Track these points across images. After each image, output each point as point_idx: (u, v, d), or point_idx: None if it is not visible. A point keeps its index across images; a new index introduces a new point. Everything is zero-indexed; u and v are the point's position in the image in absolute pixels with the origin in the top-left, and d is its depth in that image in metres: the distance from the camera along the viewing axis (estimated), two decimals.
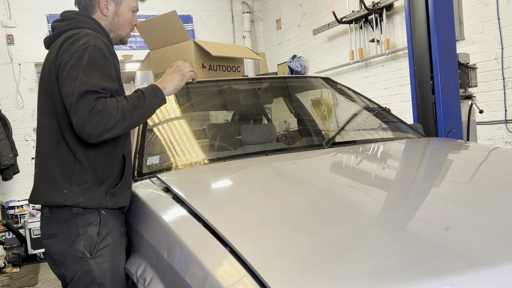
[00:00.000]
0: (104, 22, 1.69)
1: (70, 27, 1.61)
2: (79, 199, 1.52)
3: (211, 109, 3.41)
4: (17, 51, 6.62)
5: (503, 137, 4.15)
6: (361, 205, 1.36)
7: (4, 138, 5.81)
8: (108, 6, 1.68)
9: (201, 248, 1.17)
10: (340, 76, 6.27)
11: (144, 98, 1.52)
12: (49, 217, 1.57)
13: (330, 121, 4.69)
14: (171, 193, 1.61)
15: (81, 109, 1.38)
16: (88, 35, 1.53)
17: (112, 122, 1.41)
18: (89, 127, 1.38)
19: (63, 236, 1.54)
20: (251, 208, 1.38)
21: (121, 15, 1.71)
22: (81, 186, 1.53)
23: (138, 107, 1.49)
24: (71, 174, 1.52)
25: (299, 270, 0.97)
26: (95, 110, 1.39)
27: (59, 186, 1.53)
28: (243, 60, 3.10)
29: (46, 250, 1.61)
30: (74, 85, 1.41)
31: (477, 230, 1.12)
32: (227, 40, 8.06)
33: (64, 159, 1.53)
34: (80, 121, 1.38)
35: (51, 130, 1.55)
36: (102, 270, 1.54)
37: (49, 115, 1.56)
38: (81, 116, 1.38)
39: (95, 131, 1.39)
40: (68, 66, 1.45)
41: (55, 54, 1.51)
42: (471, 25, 4.28)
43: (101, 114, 1.39)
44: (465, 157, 2.04)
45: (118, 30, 1.74)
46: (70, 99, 1.41)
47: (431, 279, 0.90)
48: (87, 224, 1.54)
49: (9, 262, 5.03)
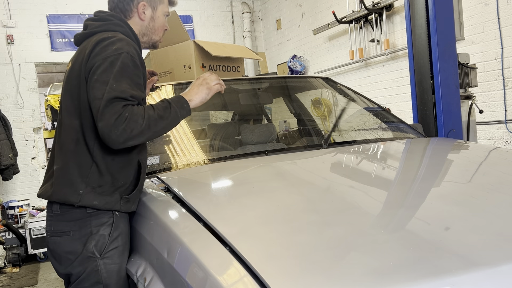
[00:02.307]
0: (139, 27, 1.71)
1: (103, 28, 1.61)
2: (94, 202, 1.51)
3: (211, 109, 3.41)
4: (17, 51, 6.62)
5: (503, 137, 4.15)
6: (361, 205, 1.36)
7: (4, 138, 5.81)
8: (145, 11, 1.70)
9: (201, 248, 1.17)
10: (340, 76, 6.27)
11: (170, 108, 1.53)
12: (59, 214, 1.56)
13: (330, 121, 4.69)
14: (171, 193, 1.61)
15: (108, 115, 1.39)
16: (122, 41, 1.53)
17: (137, 130, 1.42)
18: (115, 133, 1.39)
19: (75, 234, 1.53)
20: (251, 208, 1.38)
21: (156, 20, 1.73)
22: (96, 190, 1.52)
23: (164, 117, 1.50)
24: (87, 176, 1.52)
25: (299, 270, 0.97)
26: (122, 117, 1.40)
27: (75, 186, 1.52)
28: (243, 60, 3.10)
29: (52, 248, 1.58)
30: (104, 90, 1.41)
31: (477, 230, 1.12)
32: (227, 40, 8.06)
33: (82, 160, 1.53)
34: (106, 127, 1.39)
35: (72, 129, 1.54)
36: (109, 271, 1.54)
37: (72, 114, 1.55)
38: (108, 122, 1.39)
39: (120, 138, 1.41)
40: (99, 70, 1.45)
41: (87, 56, 1.51)
42: (471, 25, 4.28)
43: (128, 121, 1.40)
44: (465, 157, 2.04)
45: (152, 35, 1.75)
46: (98, 103, 1.41)
47: (431, 279, 0.90)
48: (100, 224, 1.54)
49: (9, 262, 5.03)
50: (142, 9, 1.69)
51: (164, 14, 1.75)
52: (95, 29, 1.62)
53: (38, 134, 6.87)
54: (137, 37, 1.69)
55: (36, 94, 6.79)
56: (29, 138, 6.71)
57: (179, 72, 2.85)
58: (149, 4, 1.70)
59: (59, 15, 6.95)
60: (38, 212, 5.46)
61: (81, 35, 1.65)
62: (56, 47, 6.91)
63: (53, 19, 6.92)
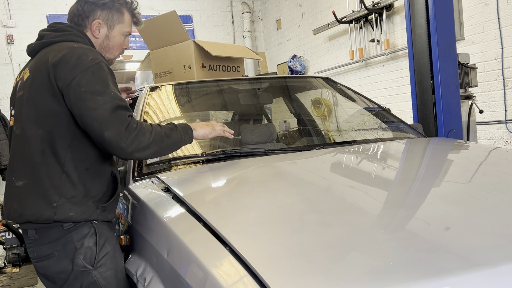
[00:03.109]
0: (94, 43, 1.66)
1: (63, 38, 1.57)
2: (70, 213, 1.46)
3: (211, 109, 3.41)
4: (17, 51, 6.63)
5: (503, 137, 4.15)
6: (361, 205, 1.36)
7: (4, 138, 5.81)
8: (100, 29, 1.66)
9: (201, 248, 1.17)
10: (340, 76, 6.27)
11: (176, 130, 1.58)
12: (37, 239, 1.49)
13: (330, 121, 4.70)
14: (171, 193, 1.61)
15: (116, 124, 1.39)
16: (92, 50, 1.51)
17: (144, 143, 1.44)
18: (124, 142, 1.40)
19: (60, 254, 1.48)
20: (251, 208, 1.38)
21: (112, 39, 1.69)
22: (70, 200, 1.47)
23: (170, 136, 1.54)
24: (59, 187, 1.46)
25: (299, 270, 0.97)
26: (131, 127, 1.41)
27: (48, 199, 1.45)
28: (243, 60, 3.10)
29: (42, 272, 1.53)
30: (98, 100, 1.40)
31: (477, 230, 1.12)
32: (227, 40, 8.06)
33: (51, 171, 1.46)
34: (115, 136, 1.38)
35: (36, 140, 1.47)
36: (106, 278, 1.52)
37: (36, 123, 1.47)
38: (117, 131, 1.38)
39: (129, 148, 1.41)
40: (84, 81, 1.42)
41: (53, 65, 1.45)
42: (471, 25, 4.28)
43: (137, 133, 1.42)
44: (465, 157, 2.04)
45: (106, 53, 1.70)
46: (96, 113, 1.38)
47: (431, 279, 0.90)
48: (82, 237, 1.49)
49: (9, 262, 5.03)
50: (96, 26, 1.64)
51: (123, 34, 1.71)
52: (53, 38, 1.58)
53: None
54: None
55: None
56: None
57: (179, 72, 2.85)
58: (105, 23, 1.66)
59: (59, 15, 6.95)
60: None
61: (36, 44, 1.61)
62: None
63: (53, 19, 6.91)
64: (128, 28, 1.73)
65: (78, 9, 1.64)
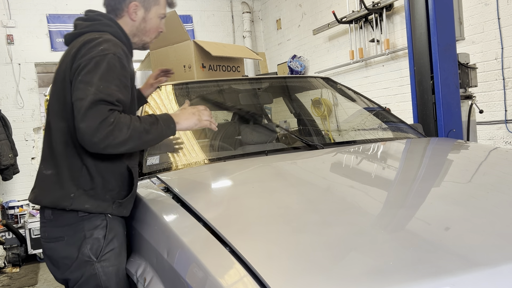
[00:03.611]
0: (130, 27, 1.66)
1: (91, 28, 1.57)
2: (86, 205, 1.50)
3: (211, 109, 3.41)
4: (17, 51, 6.62)
5: (503, 137, 4.15)
6: (361, 205, 1.36)
7: (4, 138, 5.81)
8: (137, 11, 1.65)
9: (201, 248, 1.17)
10: (340, 76, 6.27)
11: (157, 125, 1.49)
12: (51, 220, 1.55)
13: (330, 121, 4.69)
14: (171, 193, 1.61)
15: (92, 117, 1.35)
16: (109, 42, 1.50)
17: (119, 139, 1.38)
18: (97, 137, 1.35)
19: (69, 239, 1.52)
20: (251, 208, 1.38)
21: (148, 21, 1.68)
22: (88, 193, 1.51)
23: (150, 132, 1.46)
24: (78, 179, 1.50)
25: (299, 270, 0.97)
26: (107, 122, 1.36)
27: (67, 189, 1.50)
28: (243, 60, 3.10)
29: (49, 254, 1.57)
30: (88, 91, 1.37)
31: (477, 230, 1.12)
32: (227, 40, 8.06)
33: (73, 163, 1.51)
34: (88, 129, 1.34)
35: (60, 132, 1.52)
36: (107, 274, 1.53)
37: (59, 116, 1.52)
38: (91, 124, 1.34)
39: (101, 144, 1.37)
40: (84, 71, 1.41)
41: (72, 57, 1.48)
42: (471, 25, 4.28)
43: (112, 128, 1.36)
44: (465, 157, 2.04)
45: (143, 36, 1.71)
46: (80, 104, 1.36)
47: (431, 279, 0.90)
48: (93, 227, 1.52)
49: (9, 262, 5.03)
50: (133, 9, 1.63)
51: (159, 16, 1.70)
52: (83, 29, 1.58)
53: (38, 134, 6.87)
54: (128, 37, 1.65)
55: (36, 94, 6.79)
56: (29, 138, 6.71)
57: (179, 72, 2.85)
58: (142, 4, 1.65)
59: (59, 15, 6.95)
60: (38, 212, 5.45)
61: (70, 35, 1.62)
62: (56, 47, 6.91)
63: (53, 19, 6.92)
64: (163, 10, 1.71)
65: (76, 24, 1.63)
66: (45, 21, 6.84)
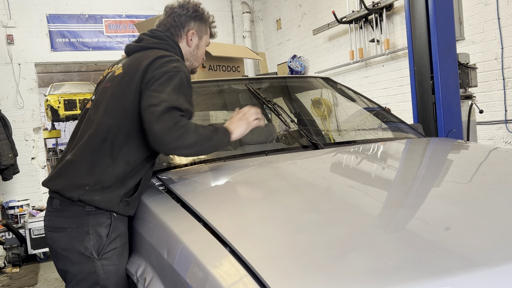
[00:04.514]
0: (185, 52, 1.81)
1: (160, 46, 1.70)
2: (96, 197, 1.53)
3: (211, 109, 3.41)
4: (17, 51, 6.63)
5: (503, 137, 4.15)
6: (361, 205, 1.36)
7: (4, 138, 5.81)
8: (193, 39, 1.81)
9: (201, 248, 1.17)
10: (340, 76, 6.27)
11: (217, 133, 1.62)
12: (58, 209, 1.57)
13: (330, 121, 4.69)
14: (171, 193, 1.61)
15: (166, 120, 1.46)
16: (179, 62, 1.65)
17: (188, 142, 1.50)
18: (170, 138, 1.47)
19: (72, 231, 1.54)
20: (251, 208, 1.38)
21: (200, 48, 1.86)
22: (103, 189, 1.54)
23: (212, 139, 1.60)
24: (100, 174, 1.54)
25: (299, 270, 0.97)
26: (179, 125, 1.48)
27: (84, 182, 1.53)
28: (243, 60, 3.10)
29: (50, 243, 1.60)
30: (161, 98, 1.49)
31: (477, 230, 1.12)
32: (227, 40, 8.06)
33: (101, 159, 1.55)
34: (162, 130, 1.46)
35: (104, 128, 1.57)
36: (107, 272, 1.54)
37: (110, 115, 1.59)
38: (165, 126, 1.46)
39: (173, 144, 1.48)
40: (158, 82, 1.53)
41: (145, 68, 1.57)
42: (471, 25, 4.28)
43: (184, 131, 1.49)
44: (465, 157, 2.04)
45: (194, 61, 1.87)
46: (154, 109, 1.47)
47: (431, 279, 0.90)
48: (97, 224, 1.54)
49: (9, 262, 5.03)
50: (191, 36, 1.80)
51: (206, 44, 1.89)
52: (151, 44, 1.71)
53: (38, 134, 6.87)
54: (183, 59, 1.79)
55: (36, 94, 6.79)
56: (29, 138, 6.71)
57: None
58: (197, 33, 1.82)
59: (59, 15, 6.95)
60: (38, 212, 5.45)
61: (135, 46, 1.74)
62: (56, 47, 6.91)
63: (53, 19, 6.92)
64: (209, 39, 1.91)
65: (175, 20, 1.77)
66: (45, 21, 6.84)
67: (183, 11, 1.78)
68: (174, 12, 1.79)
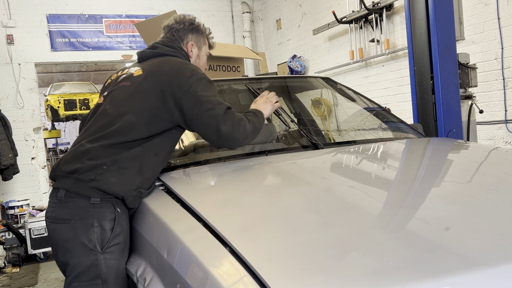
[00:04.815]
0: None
1: (174, 54, 1.85)
2: (112, 178, 1.56)
3: None
4: (17, 51, 6.62)
5: (503, 137, 4.15)
6: (361, 205, 1.36)
7: (4, 138, 5.81)
8: (192, 49, 1.94)
9: (201, 248, 1.17)
10: (340, 76, 6.27)
11: (257, 116, 1.84)
12: (63, 201, 1.58)
13: (330, 121, 4.69)
14: (171, 193, 1.61)
15: (229, 119, 1.66)
16: (199, 68, 1.83)
17: (248, 132, 1.72)
18: (238, 132, 1.67)
19: (76, 223, 1.54)
20: (251, 208, 1.38)
21: (201, 58, 1.98)
22: (120, 168, 1.59)
23: (259, 122, 1.83)
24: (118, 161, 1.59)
25: (299, 270, 0.97)
26: (238, 120, 1.69)
27: (101, 160, 1.57)
28: (243, 60, 3.10)
29: (52, 234, 1.59)
30: (214, 102, 1.67)
31: (477, 230, 1.12)
32: (227, 40, 8.06)
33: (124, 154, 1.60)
34: (231, 128, 1.66)
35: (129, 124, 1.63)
36: (109, 267, 1.54)
37: (134, 113, 1.66)
38: (231, 124, 1.66)
39: (241, 137, 1.69)
40: (199, 88, 1.68)
41: (171, 74, 1.70)
42: (471, 25, 4.28)
43: (244, 123, 1.70)
44: (465, 157, 2.04)
45: None
46: (214, 112, 1.65)
47: (431, 279, 0.90)
48: (102, 217, 1.55)
49: (9, 262, 5.03)
50: (190, 48, 1.93)
51: (206, 54, 2.01)
52: (166, 51, 1.84)
53: (38, 134, 6.87)
54: None
55: (36, 94, 6.79)
56: (29, 138, 6.71)
57: None
58: (196, 44, 1.94)
59: (59, 15, 6.95)
60: (38, 212, 5.46)
61: (151, 52, 1.86)
62: (56, 47, 6.91)
63: (53, 19, 6.91)
64: (208, 49, 2.03)
65: (174, 35, 1.91)
66: (45, 21, 6.84)
67: (180, 25, 1.92)
68: (172, 28, 1.92)
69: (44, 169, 6.92)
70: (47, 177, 6.97)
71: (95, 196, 1.55)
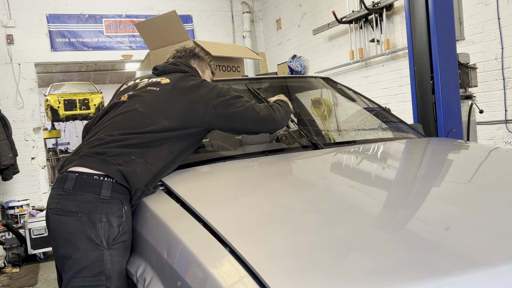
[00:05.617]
0: None
1: (193, 74, 2.01)
2: (137, 168, 1.62)
3: None
4: (17, 51, 6.63)
5: (503, 137, 4.15)
6: (361, 205, 1.36)
7: (4, 138, 5.81)
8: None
9: (201, 248, 1.17)
10: (340, 76, 6.27)
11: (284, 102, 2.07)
12: (70, 193, 1.55)
13: (330, 121, 4.69)
14: (171, 193, 1.61)
15: (263, 106, 1.91)
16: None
17: (282, 112, 1.96)
18: (275, 114, 1.90)
19: (83, 216, 1.52)
20: (251, 208, 1.38)
21: None
22: (146, 162, 1.66)
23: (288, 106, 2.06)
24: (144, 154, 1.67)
25: (299, 270, 0.97)
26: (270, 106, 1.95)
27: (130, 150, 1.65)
28: (243, 60, 3.10)
29: (55, 227, 1.55)
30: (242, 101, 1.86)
31: (477, 230, 1.12)
32: (227, 40, 8.06)
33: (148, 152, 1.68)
34: (268, 112, 1.88)
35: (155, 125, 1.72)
36: (113, 263, 1.53)
37: (165, 115, 1.77)
38: (268, 109, 1.90)
39: (279, 118, 1.92)
40: (225, 95, 1.86)
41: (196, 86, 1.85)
42: (471, 25, 4.28)
43: (276, 107, 1.95)
44: (465, 157, 2.04)
45: None
46: (246, 107, 1.85)
47: (431, 279, 0.90)
48: (111, 213, 1.54)
49: (9, 262, 5.03)
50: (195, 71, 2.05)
51: (210, 78, 2.17)
52: (187, 70, 2.00)
53: (38, 134, 6.87)
54: None
55: (36, 94, 6.79)
56: (29, 138, 6.71)
57: None
58: (199, 68, 2.09)
59: (59, 15, 6.95)
60: (38, 212, 5.45)
61: (172, 67, 2.01)
62: (56, 47, 6.91)
63: (53, 19, 6.92)
64: (211, 74, 2.19)
65: (177, 62, 2.03)
66: (45, 21, 6.84)
67: (182, 53, 2.09)
68: (174, 56, 2.09)
69: (44, 169, 6.93)
70: (47, 177, 6.97)
71: (118, 178, 1.58)
